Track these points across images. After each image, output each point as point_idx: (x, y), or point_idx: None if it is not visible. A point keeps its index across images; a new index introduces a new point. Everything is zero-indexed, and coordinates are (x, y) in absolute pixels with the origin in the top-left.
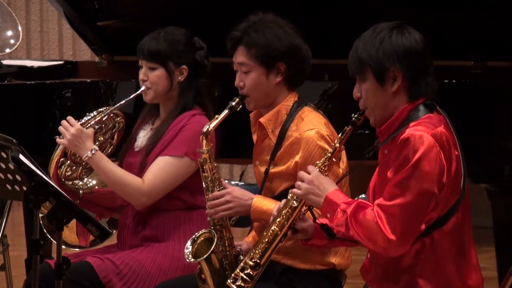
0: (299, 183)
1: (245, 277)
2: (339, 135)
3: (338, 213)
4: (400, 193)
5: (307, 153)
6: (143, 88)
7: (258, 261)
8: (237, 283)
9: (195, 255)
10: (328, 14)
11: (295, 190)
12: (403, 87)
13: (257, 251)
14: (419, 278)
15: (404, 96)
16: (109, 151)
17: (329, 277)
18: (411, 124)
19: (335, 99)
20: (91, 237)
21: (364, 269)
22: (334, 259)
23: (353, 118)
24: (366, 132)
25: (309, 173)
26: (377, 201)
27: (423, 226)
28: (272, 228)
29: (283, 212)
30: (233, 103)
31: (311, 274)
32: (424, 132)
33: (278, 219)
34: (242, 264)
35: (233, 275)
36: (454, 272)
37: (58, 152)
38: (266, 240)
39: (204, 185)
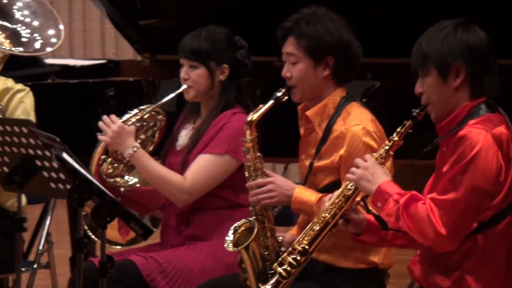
0: (353, 169)
1: (292, 261)
2: (398, 129)
3: (390, 202)
4: (453, 188)
5: (352, 148)
6: (184, 86)
7: (307, 247)
8: (283, 267)
9: (236, 244)
10: (371, 13)
11: (348, 175)
12: (466, 83)
13: (306, 237)
14: (468, 276)
15: (466, 93)
16: (150, 149)
17: (371, 276)
18: (471, 121)
19: (377, 97)
20: (129, 236)
21: (412, 265)
22: (376, 258)
23: (414, 113)
24: (410, 132)
25: (365, 161)
26: (430, 195)
27: (475, 224)
28: (324, 215)
29: (336, 200)
30: (279, 94)
31: (353, 273)
32: (483, 130)
33: (330, 207)
34: (290, 248)
35: (280, 259)
36: (503, 272)
37: (99, 150)
38: (317, 227)
39: (246, 174)
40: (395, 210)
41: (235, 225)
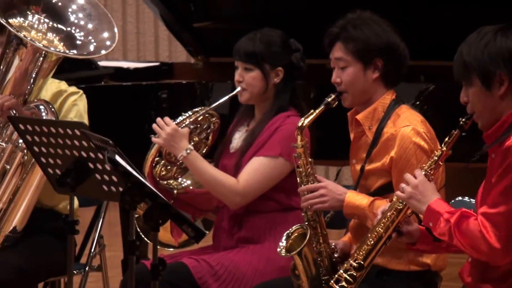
0: (403, 185)
1: (348, 278)
2: (446, 139)
3: (441, 222)
4: (504, 201)
5: (402, 149)
6: (238, 89)
7: (362, 262)
8: (340, 284)
9: (289, 250)
10: (425, 15)
11: (398, 193)
12: (510, 91)
13: (360, 253)
14: None
15: (511, 100)
16: (204, 151)
17: (424, 279)
18: None
19: (431, 100)
20: (182, 238)
21: (464, 271)
22: (429, 259)
23: (461, 122)
24: (464, 135)
25: (415, 177)
26: (481, 210)
27: None
28: (377, 229)
29: (388, 214)
30: (329, 99)
31: (406, 276)
32: None
33: (383, 221)
34: (345, 265)
35: (336, 275)
36: None
37: (153, 151)
38: (371, 241)
39: (298, 180)
40: (447, 229)
41: (288, 231)
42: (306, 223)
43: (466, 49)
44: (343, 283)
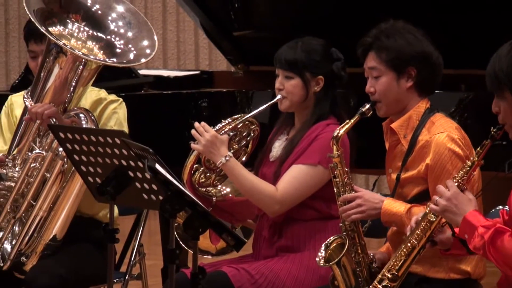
0: (437, 198)
1: None
2: (478, 148)
3: (476, 237)
4: None
5: (437, 155)
6: (279, 97)
7: (396, 273)
8: None
9: (328, 260)
10: (465, 23)
11: (432, 206)
12: None
13: (395, 263)
14: None
15: None
16: (243, 159)
17: (464, 287)
18: None
19: (471, 109)
20: (220, 244)
21: (501, 283)
22: (469, 267)
23: (492, 132)
24: (504, 143)
25: (448, 189)
26: None
27: None
28: (410, 240)
29: (421, 224)
30: (364, 109)
31: (446, 284)
32: None
33: (416, 232)
34: (380, 275)
35: (371, 286)
36: None
37: (192, 158)
38: (405, 252)
39: (335, 190)
40: (481, 245)
41: (327, 241)
42: (344, 233)
43: (497, 61)
44: None
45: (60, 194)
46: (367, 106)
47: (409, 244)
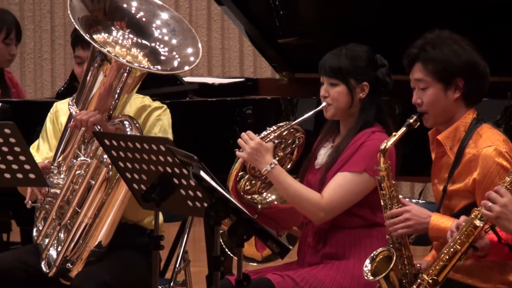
0: (489, 204)
1: None
2: None
3: None
4: None
5: (485, 170)
6: (324, 104)
7: (436, 277)
8: None
9: (374, 273)
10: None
11: (485, 211)
12: None
13: (435, 268)
14: None
15: None
16: (288, 166)
17: None
18: None
19: None
20: (266, 252)
21: None
22: None
23: None
24: None
25: (501, 195)
26: None
27: None
28: (452, 245)
29: (464, 230)
30: (411, 121)
31: None
32: None
33: (458, 237)
34: (419, 280)
35: None
36: None
37: (237, 166)
38: (446, 257)
39: (382, 203)
40: None
41: (373, 254)
42: (391, 245)
43: None
44: None
45: (105, 201)
46: (414, 117)
47: (451, 250)
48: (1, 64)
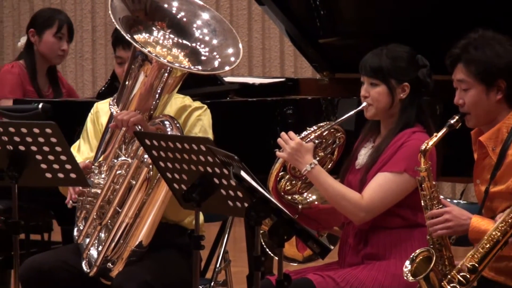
0: None
1: (461, 279)
2: None
3: None
4: None
5: None
6: (364, 104)
7: (476, 265)
8: (451, 284)
9: (414, 273)
10: None
11: None
12: None
13: (476, 255)
14: None
15: None
16: (329, 166)
17: None
18: None
19: None
20: (307, 252)
21: None
22: None
23: None
24: None
25: None
26: None
27: None
28: (494, 234)
29: (507, 218)
30: (452, 121)
31: None
32: None
33: (501, 225)
34: (459, 266)
35: (449, 276)
36: None
37: (277, 166)
38: (487, 245)
39: (422, 203)
40: None
41: (412, 255)
42: (431, 246)
43: None
44: (455, 284)
45: (146, 201)
46: (456, 118)
47: (491, 237)
48: (53, 60)
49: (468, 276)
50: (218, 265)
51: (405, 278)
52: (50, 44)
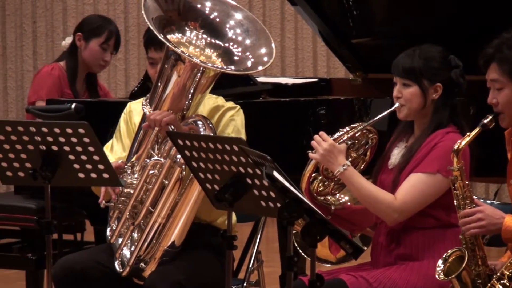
0: None
1: (501, 287)
2: None
3: None
4: None
5: None
6: (397, 105)
7: None
8: None
9: (447, 273)
10: None
11: None
12: None
13: None
14: None
15: None
16: (361, 167)
17: None
18: None
19: None
20: (340, 254)
21: None
22: None
23: None
24: None
25: None
26: None
27: None
28: None
29: None
30: (486, 121)
31: None
32: None
33: None
34: (499, 273)
35: (489, 284)
36: None
37: (310, 167)
38: None
39: (455, 203)
40: None
41: (445, 254)
42: (464, 246)
43: None
44: None
45: (178, 201)
46: (490, 117)
47: None
48: (93, 67)
49: (508, 284)
50: (250, 266)
51: (437, 277)
52: (94, 53)
